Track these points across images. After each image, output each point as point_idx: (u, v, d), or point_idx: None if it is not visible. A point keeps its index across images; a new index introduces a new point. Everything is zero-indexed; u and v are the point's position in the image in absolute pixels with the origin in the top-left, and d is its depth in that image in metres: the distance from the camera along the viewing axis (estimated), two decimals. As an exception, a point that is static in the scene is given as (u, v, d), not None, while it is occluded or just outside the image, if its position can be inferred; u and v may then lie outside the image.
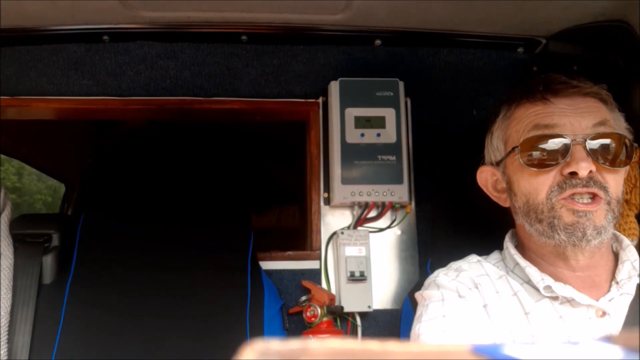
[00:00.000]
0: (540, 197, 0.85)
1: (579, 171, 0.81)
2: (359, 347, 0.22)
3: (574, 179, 0.82)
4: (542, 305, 0.85)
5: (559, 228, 0.83)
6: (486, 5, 1.19)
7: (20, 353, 1.03)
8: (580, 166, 0.81)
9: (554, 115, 0.86)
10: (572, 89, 0.87)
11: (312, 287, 1.23)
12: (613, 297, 0.84)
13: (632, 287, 0.84)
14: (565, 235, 0.83)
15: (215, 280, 1.14)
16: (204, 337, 1.08)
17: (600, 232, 0.82)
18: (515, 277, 0.91)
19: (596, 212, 0.82)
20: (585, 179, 0.82)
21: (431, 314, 0.86)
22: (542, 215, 0.85)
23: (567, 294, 0.83)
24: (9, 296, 1.05)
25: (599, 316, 0.83)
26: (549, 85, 0.88)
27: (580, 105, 0.86)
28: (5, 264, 1.06)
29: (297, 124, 1.45)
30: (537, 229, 0.86)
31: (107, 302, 1.09)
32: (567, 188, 0.82)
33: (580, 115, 0.85)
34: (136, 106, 1.34)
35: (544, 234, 0.85)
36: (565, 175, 0.83)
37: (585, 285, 0.86)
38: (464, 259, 0.97)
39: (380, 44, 1.36)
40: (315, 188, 1.33)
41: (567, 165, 0.83)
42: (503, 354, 0.22)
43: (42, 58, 1.31)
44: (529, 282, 0.88)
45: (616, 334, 0.23)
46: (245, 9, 1.22)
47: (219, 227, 1.21)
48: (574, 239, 0.82)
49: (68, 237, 1.16)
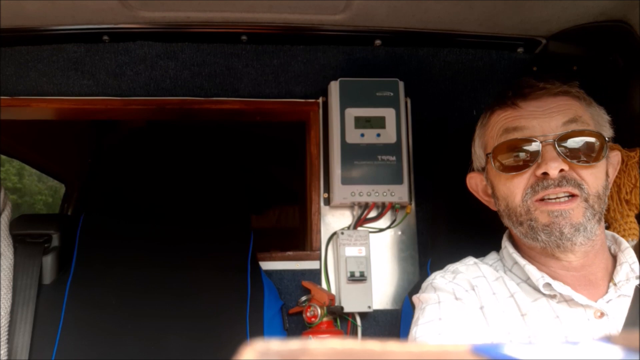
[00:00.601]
0: (516, 200, 0.87)
1: (550, 171, 0.82)
2: (359, 347, 0.22)
3: (546, 179, 0.83)
4: (539, 304, 0.85)
5: (538, 229, 0.84)
6: (486, 5, 1.19)
7: (20, 353, 1.03)
8: (550, 166, 0.82)
9: (522, 118, 0.87)
10: (540, 91, 0.89)
11: (312, 288, 1.23)
12: (611, 299, 0.84)
13: (630, 289, 0.84)
14: (545, 235, 0.84)
15: (216, 280, 1.14)
16: (204, 337, 1.08)
17: (579, 229, 0.82)
18: (513, 276, 0.91)
19: (573, 210, 0.82)
20: (558, 178, 0.82)
21: (428, 317, 0.86)
22: (521, 218, 0.87)
23: (565, 293, 0.83)
24: (9, 296, 1.05)
25: (598, 317, 0.82)
26: (517, 90, 0.90)
27: (549, 106, 0.87)
28: (5, 264, 1.06)
29: (297, 124, 1.45)
30: (521, 231, 0.88)
31: (107, 302, 1.09)
32: (540, 190, 0.83)
33: (550, 116, 0.86)
34: (136, 106, 1.34)
35: (528, 235, 0.87)
36: (538, 177, 0.84)
37: (581, 284, 0.86)
38: (460, 261, 0.97)
39: (380, 44, 1.36)
40: (315, 188, 1.33)
41: (538, 166, 0.84)
42: (503, 354, 0.22)
43: (42, 58, 1.31)
44: (527, 280, 0.88)
45: (615, 334, 0.23)
46: (245, 9, 1.22)
47: (219, 227, 1.21)
48: (554, 238, 0.83)
49: (68, 237, 1.16)
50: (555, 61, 1.36)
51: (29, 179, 7.83)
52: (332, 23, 1.28)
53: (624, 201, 1.10)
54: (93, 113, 1.37)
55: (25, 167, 5.24)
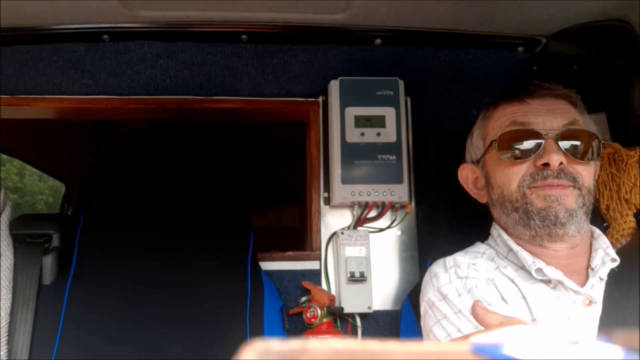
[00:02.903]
0: (512, 187, 0.91)
1: (551, 162, 0.87)
2: (359, 347, 0.22)
3: (546, 170, 0.89)
4: (537, 288, 0.88)
5: (533, 214, 0.88)
6: (486, 5, 1.19)
7: (20, 353, 1.03)
8: (552, 158, 0.87)
9: (530, 114, 0.93)
10: (545, 91, 0.96)
11: (312, 288, 1.23)
12: (593, 284, 0.88)
13: (604, 273, 0.89)
14: (539, 219, 0.88)
15: (216, 281, 1.14)
16: (204, 337, 1.08)
17: (572, 215, 0.87)
18: (510, 263, 0.93)
19: (567, 197, 0.88)
20: (557, 170, 0.88)
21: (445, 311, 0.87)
22: (517, 204, 0.91)
23: (557, 277, 0.86)
24: (9, 296, 1.05)
25: (586, 305, 0.86)
26: (524, 88, 0.97)
27: (552, 106, 0.94)
28: (5, 264, 1.06)
29: (297, 124, 1.45)
30: (514, 218, 0.92)
31: (107, 302, 1.09)
32: (539, 179, 0.89)
33: (553, 115, 0.93)
34: (136, 106, 1.34)
35: (520, 222, 0.91)
36: (537, 167, 0.89)
37: (567, 272, 0.88)
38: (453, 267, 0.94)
39: (380, 43, 1.36)
40: (315, 188, 1.33)
41: (539, 157, 0.89)
42: (503, 354, 0.22)
43: (42, 58, 1.31)
44: (523, 267, 0.91)
45: (615, 334, 0.23)
46: (245, 9, 1.22)
47: (219, 227, 1.21)
48: (548, 222, 0.87)
49: (68, 237, 1.16)
50: (555, 61, 1.36)
51: (30, 178, 7.83)
52: (332, 22, 1.28)
53: (623, 200, 1.10)
54: (93, 112, 1.37)
55: (26, 167, 5.24)
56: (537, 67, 1.39)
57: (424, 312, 0.93)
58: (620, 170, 1.11)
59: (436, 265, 0.96)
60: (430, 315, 0.89)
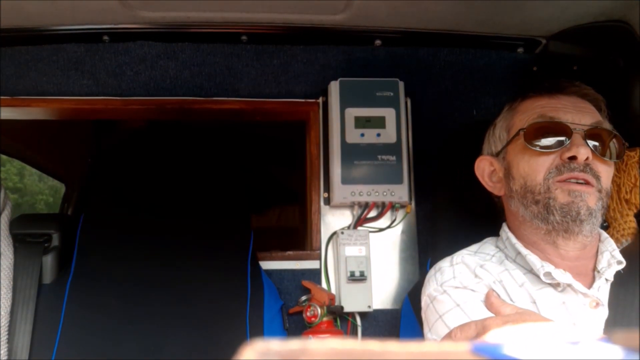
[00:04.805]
0: (538, 179, 0.91)
1: (578, 155, 0.87)
2: (359, 347, 0.22)
3: (573, 163, 0.88)
4: (545, 292, 0.88)
5: (554, 209, 0.88)
6: (486, 5, 1.19)
7: (20, 353, 1.03)
8: (580, 151, 0.87)
9: (559, 110, 0.93)
10: (574, 88, 0.97)
11: (312, 287, 1.23)
12: (600, 286, 0.88)
13: (610, 274, 0.89)
14: (560, 215, 0.88)
15: (216, 281, 1.14)
16: (203, 337, 1.08)
17: (592, 214, 0.87)
18: (518, 266, 0.93)
19: (590, 195, 0.88)
20: (582, 164, 0.88)
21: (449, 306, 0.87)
22: (538, 197, 0.90)
23: (566, 281, 0.86)
24: (9, 296, 1.05)
25: (593, 307, 0.86)
26: (555, 82, 0.97)
27: (580, 105, 0.94)
28: (5, 264, 1.06)
29: (297, 124, 1.45)
30: (533, 211, 0.91)
31: (107, 302, 1.09)
32: (565, 171, 0.89)
33: (581, 113, 0.93)
34: (136, 106, 1.34)
35: (539, 215, 0.90)
36: (564, 160, 0.89)
37: (574, 274, 0.88)
38: (460, 264, 0.94)
39: (380, 44, 1.36)
40: (315, 188, 1.33)
41: (567, 150, 0.89)
42: (503, 353, 0.22)
43: (42, 58, 1.31)
44: (531, 271, 0.91)
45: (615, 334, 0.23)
46: (245, 9, 1.22)
47: (219, 227, 1.21)
48: (568, 218, 0.87)
49: (68, 237, 1.16)
50: (555, 61, 1.36)
51: (30, 178, 7.82)
52: (332, 23, 1.28)
53: (623, 200, 1.10)
54: (93, 113, 1.37)
55: (26, 167, 5.24)
56: (537, 68, 1.39)
57: (425, 306, 0.93)
58: (620, 170, 1.11)
59: (442, 261, 0.97)
60: (432, 310, 0.89)
